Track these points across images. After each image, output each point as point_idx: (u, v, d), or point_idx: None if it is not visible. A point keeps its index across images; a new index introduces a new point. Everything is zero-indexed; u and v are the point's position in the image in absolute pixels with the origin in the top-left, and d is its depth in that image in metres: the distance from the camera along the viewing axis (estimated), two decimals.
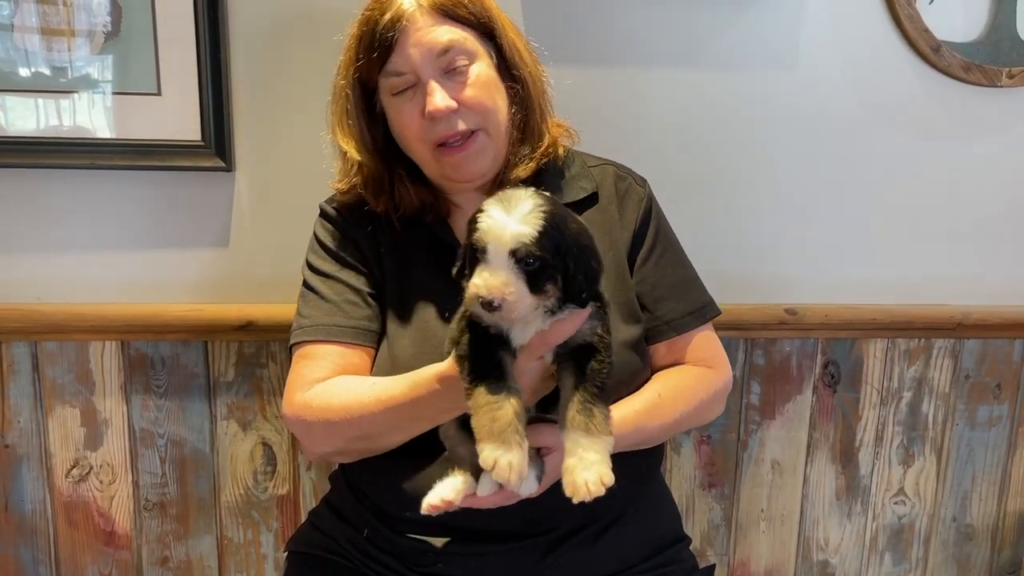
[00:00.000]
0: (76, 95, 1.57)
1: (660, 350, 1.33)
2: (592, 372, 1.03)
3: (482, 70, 1.24)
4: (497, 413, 0.97)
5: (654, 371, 1.33)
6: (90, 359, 1.66)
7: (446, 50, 1.21)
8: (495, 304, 0.96)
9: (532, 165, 1.29)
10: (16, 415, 1.68)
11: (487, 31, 1.26)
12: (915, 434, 1.90)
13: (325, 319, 1.27)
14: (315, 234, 1.36)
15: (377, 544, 1.29)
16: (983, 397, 1.90)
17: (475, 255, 0.99)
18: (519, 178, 1.28)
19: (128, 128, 1.59)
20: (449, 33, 1.21)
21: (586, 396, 1.01)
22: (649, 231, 1.34)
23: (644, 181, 1.39)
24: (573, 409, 1.00)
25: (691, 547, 1.43)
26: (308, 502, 1.77)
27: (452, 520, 1.19)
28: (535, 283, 0.98)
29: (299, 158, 1.64)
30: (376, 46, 1.20)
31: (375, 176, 1.28)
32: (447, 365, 1.10)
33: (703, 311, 1.35)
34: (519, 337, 1.03)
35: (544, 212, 0.98)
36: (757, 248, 1.78)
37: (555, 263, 0.99)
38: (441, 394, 1.11)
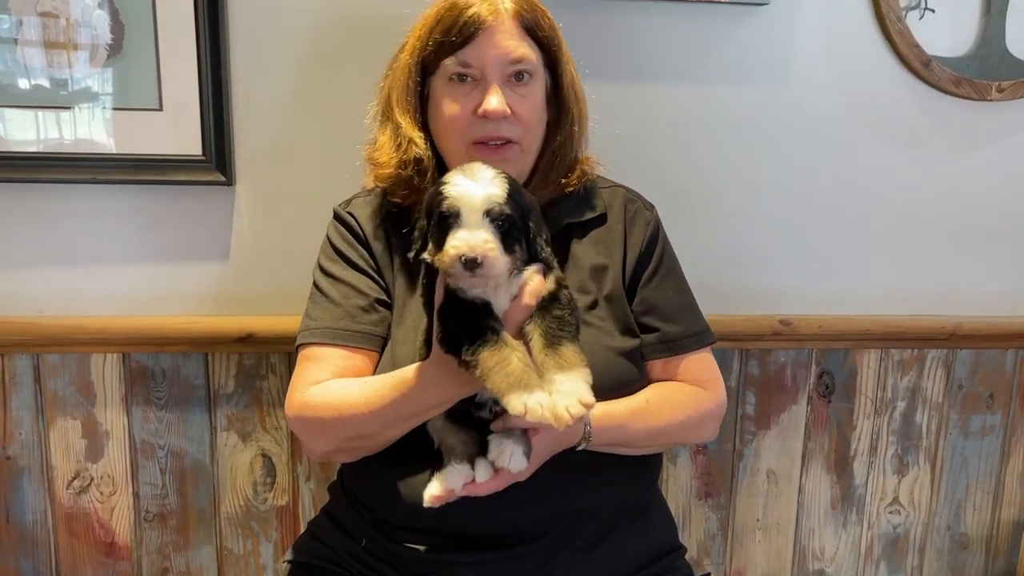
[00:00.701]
0: (78, 110, 1.59)
1: (656, 367, 1.35)
2: (554, 318, 1.07)
3: (537, 92, 1.29)
4: (508, 368, 1.00)
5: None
6: (91, 371, 1.68)
7: (517, 61, 1.25)
8: (478, 261, 0.99)
9: (555, 190, 1.33)
10: (18, 427, 1.69)
11: (553, 60, 1.30)
12: (909, 443, 1.91)
13: (331, 322, 1.29)
14: (328, 237, 1.37)
15: (375, 554, 1.30)
16: (976, 407, 1.92)
17: (445, 224, 1.02)
18: (541, 200, 1.30)
19: (129, 143, 1.61)
20: (524, 48, 1.25)
21: (550, 339, 1.05)
22: (654, 254, 1.37)
23: (652, 206, 1.42)
24: (541, 354, 1.04)
25: (687, 557, 1.44)
26: (307, 513, 1.78)
27: (449, 527, 1.21)
28: (507, 243, 1.03)
29: (299, 172, 1.66)
30: (455, 33, 1.23)
31: (421, 157, 1.29)
32: (427, 363, 1.13)
33: (701, 336, 1.37)
34: (497, 304, 1.06)
35: (506, 178, 1.05)
36: (751, 260, 1.80)
37: (520, 224, 1.05)
38: (424, 391, 1.14)
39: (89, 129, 1.60)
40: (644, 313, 1.34)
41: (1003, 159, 1.82)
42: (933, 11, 1.73)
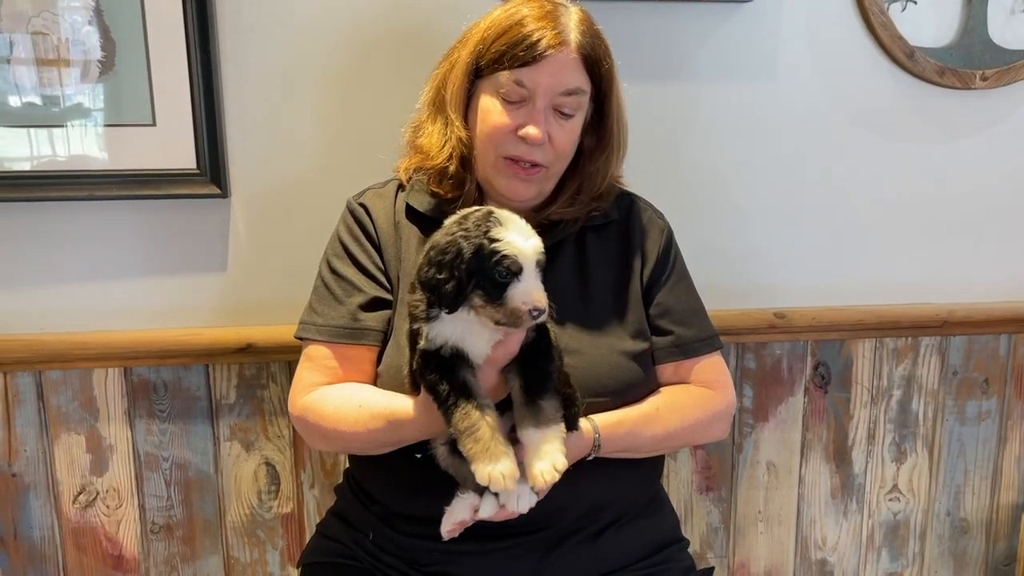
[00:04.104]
0: (71, 127, 1.59)
1: (667, 371, 1.38)
2: (535, 370, 1.12)
3: (577, 123, 1.30)
4: (477, 435, 1.06)
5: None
6: (93, 386, 1.69)
7: (570, 93, 1.26)
8: (544, 309, 1.06)
9: (583, 211, 1.35)
10: (22, 444, 1.70)
11: (603, 93, 1.31)
12: (906, 431, 1.93)
13: (334, 320, 1.31)
14: (337, 229, 1.38)
15: (382, 546, 1.33)
16: (971, 392, 1.93)
17: (499, 279, 1.04)
18: (565, 217, 1.34)
19: (124, 158, 1.61)
20: (580, 81, 1.27)
21: (532, 393, 1.10)
22: (670, 260, 1.41)
23: (662, 214, 1.45)
24: (523, 409, 1.10)
25: (690, 550, 1.46)
26: (312, 519, 1.79)
27: None
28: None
29: (292, 182, 1.67)
30: (520, 52, 1.23)
31: (467, 156, 1.31)
32: (418, 405, 1.17)
33: (711, 340, 1.41)
34: (475, 350, 1.10)
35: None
36: (744, 255, 1.82)
37: None
38: (419, 429, 1.19)
39: (82, 146, 1.61)
40: (659, 316, 1.37)
41: (989, 147, 1.84)
42: (915, 2, 1.74)
